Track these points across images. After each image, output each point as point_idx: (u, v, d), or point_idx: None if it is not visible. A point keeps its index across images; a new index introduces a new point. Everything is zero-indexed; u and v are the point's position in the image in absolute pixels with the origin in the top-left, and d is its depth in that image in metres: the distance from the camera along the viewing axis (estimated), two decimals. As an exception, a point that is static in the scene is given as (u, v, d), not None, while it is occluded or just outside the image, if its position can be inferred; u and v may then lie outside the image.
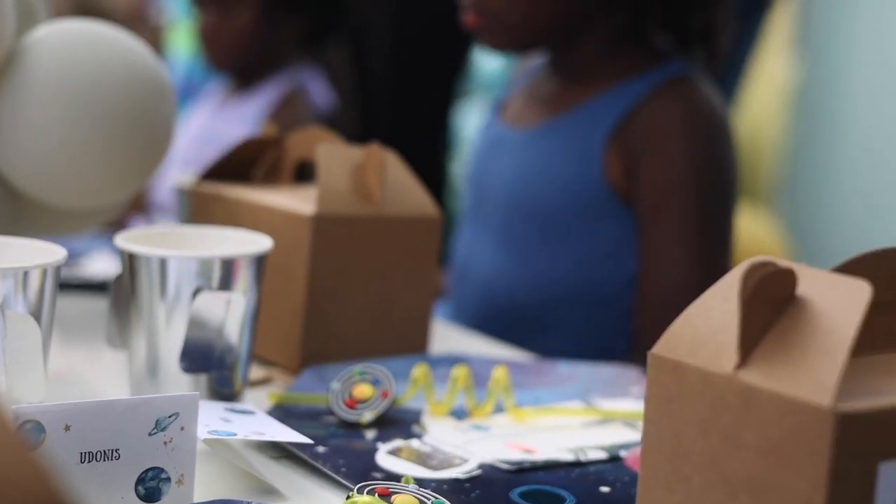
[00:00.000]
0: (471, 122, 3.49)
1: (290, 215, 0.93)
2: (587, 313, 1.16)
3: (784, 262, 0.54)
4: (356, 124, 2.09)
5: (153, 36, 2.53)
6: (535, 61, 1.31)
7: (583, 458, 0.78)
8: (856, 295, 0.52)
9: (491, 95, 2.58)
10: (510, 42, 1.22)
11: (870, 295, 0.51)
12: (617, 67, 1.19)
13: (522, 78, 1.33)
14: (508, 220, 1.22)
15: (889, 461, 0.50)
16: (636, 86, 1.17)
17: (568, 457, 0.77)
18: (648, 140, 1.15)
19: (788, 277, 0.54)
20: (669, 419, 0.56)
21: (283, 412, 0.84)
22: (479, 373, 0.91)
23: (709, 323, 0.55)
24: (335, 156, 0.95)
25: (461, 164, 2.56)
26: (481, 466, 0.76)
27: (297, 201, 0.95)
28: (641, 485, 0.58)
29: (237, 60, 1.90)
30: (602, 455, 0.78)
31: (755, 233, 4.34)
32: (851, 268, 0.55)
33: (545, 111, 1.23)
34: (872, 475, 0.50)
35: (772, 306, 0.54)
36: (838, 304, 0.52)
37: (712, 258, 1.15)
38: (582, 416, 0.86)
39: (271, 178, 1.06)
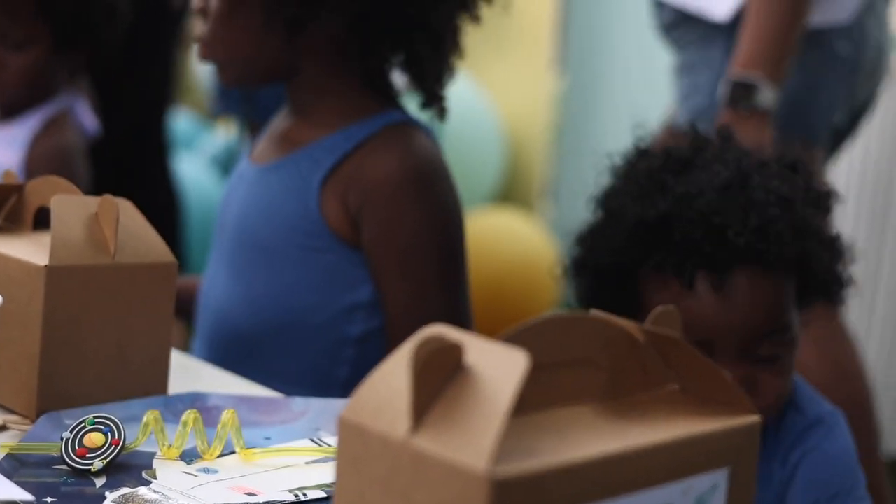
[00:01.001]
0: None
1: (25, 265, 0.92)
2: (305, 339, 1.19)
3: (453, 336, 0.58)
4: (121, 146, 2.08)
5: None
6: None
7: (302, 497, 0.80)
8: (514, 364, 0.56)
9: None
10: (236, 79, 1.27)
11: (525, 364, 0.55)
12: (342, 111, 1.22)
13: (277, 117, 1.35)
14: (237, 249, 1.25)
15: (540, 517, 0.54)
16: (355, 131, 1.20)
17: (288, 497, 0.80)
18: (370, 187, 1.18)
19: (456, 350, 0.57)
20: (356, 478, 0.59)
21: (16, 461, 0.83)
22: (217, 413, 0.92)
23: (388, 389, 0.58)
24: (69, 206, 0.94)
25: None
26: (204, 512, 0.77)
27: (33, 251, 0.94)
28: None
29: (13, 94, 1.83)
30: (321, 494, 0.81)
31: (524, 235, 4.45)
32: (517, 336, 0.59)
33: (278, 149, 1.27)
34: (526, 531, 0.54)
35: (442, 375, 0.57)
36: (498, 373, 0.56)
37: (457, 303, 1.19)
38: (307, 455, 0.88)
39: (11, 224, 1.05)
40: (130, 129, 2.49)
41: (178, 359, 1.06)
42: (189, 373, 1.07)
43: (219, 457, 0.87)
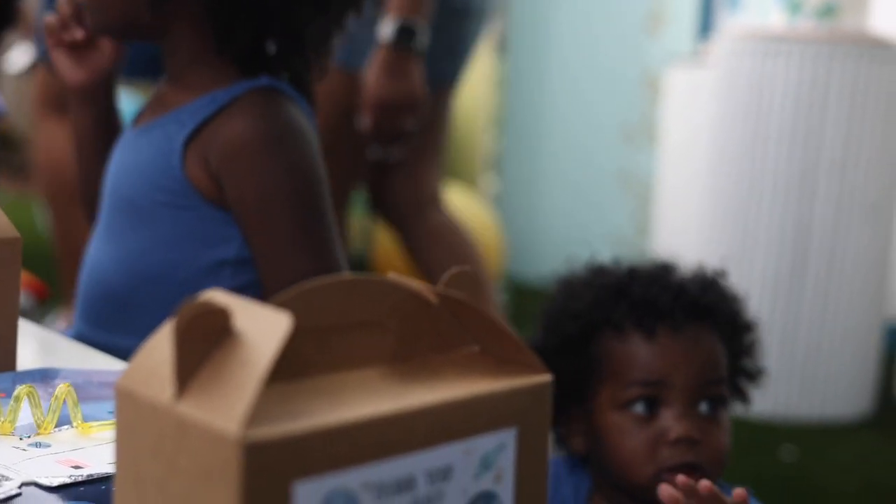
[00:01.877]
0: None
1: None
2: (172, 294, 1.19)
3: (222, 301, 0.56)
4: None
5: None
6: None
7: (128, 470, 0.78)
8: (276, 327, 0.54)
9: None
10: (101, 27, 1.26)
11: (287, 326, 0.54)
12: (212, 76, 1.23)
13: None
14: (111, 210, 1.26)
15: (303, 481, 0.53)
16: (221, 95, 1.21)
17: (110, 470, 0.78)
18: (228, 151, 1.18)
19: (223, 314, 0.55)
20: (131, 446, 0.58)
21: None
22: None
23: (158, 356, 0.57)
24: None
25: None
26: (23, 485, 0.75)
27: None
28: (115, 508, 0.59)
29: None
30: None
31: (468, 209, 4.44)
32: (293, 299, 0.58)
33: (151, 113, 1.28)
34: (286, 495, 0.53)
35: (208, 340, 0.55)
36: (261, 336, 0.54)
37: (323, 254, 1.19)
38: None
39: None
40: None
41: (37, 334, 1.04)
42: (46, 347, 1.06)
43: (57, 431, 0.86)
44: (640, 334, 1.19)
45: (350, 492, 0.55)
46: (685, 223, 3.76)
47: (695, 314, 1.20)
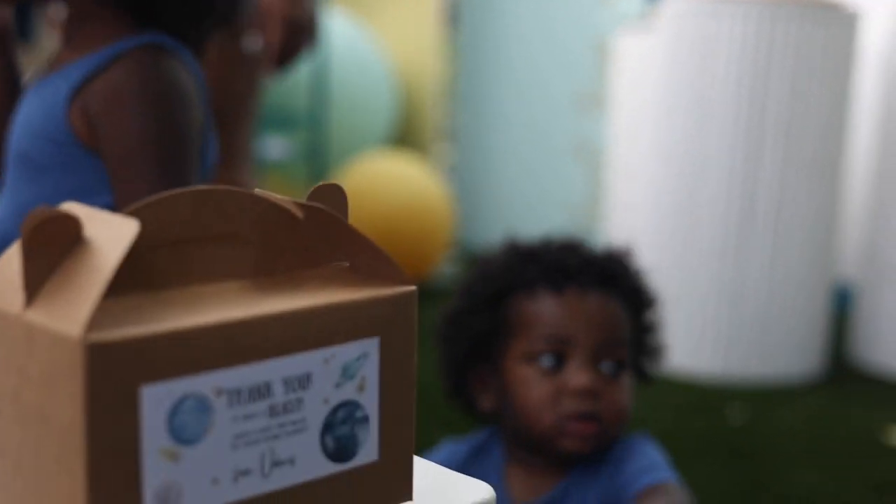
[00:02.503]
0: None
1: None
2: None
3: (73, 210, 0.56)
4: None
5: None
6: None
7: None
8: (123, 232, 0.54)
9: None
10: None
11: (133, 232, 0.54)
12: (101, 32, 1.26)
13: None
14: (10, 165, 1.29)
15: (150, 384, 0.53)
16: (107, 51, 1.23)
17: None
18: (104, 100, 1.21)
19: (73, 223, 0.55)
20: (-13, 359, 0.57)
21: None
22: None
23: (10, 268, 0.57)
24: None
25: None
26: None
27: None
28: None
29: None
30: None
31: (423, 180, 4.43)
32: (146, 208, 0.57)
33: (49, 70, 1.31)
34: (134, 398, 0.53)
35: (58, 249, 0.55)
36: (109, 242, 0.54)
37: None
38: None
39: None
40: None
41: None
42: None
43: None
44: (549, 293, 1.27)
45: (201, 397, 0.55)
46: (636, 189, 3.78)
47: (601, 280, 1.28)
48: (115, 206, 1.21)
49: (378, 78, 5.06)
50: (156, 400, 0.53)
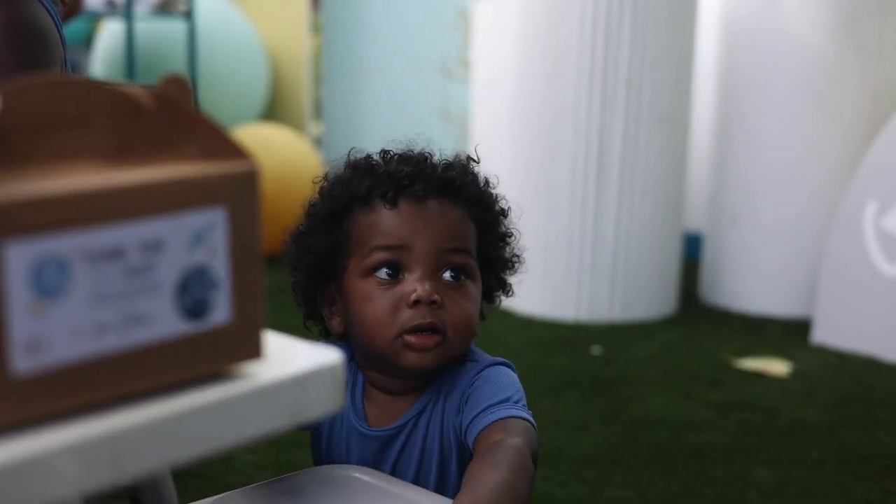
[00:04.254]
0: None
1: None
2: None
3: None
4: None
5: None
6: None
7: None
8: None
9: None
10: None
11: (-8, 108, 0.57)
12: None
13: None
14: None
15: (14, 244, 0.57)
16: None
17: None
18: None
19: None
20: None
21: None
22: None
23: None
24: None
25: None
26: None
27: None
28: None
29: None
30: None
31: (295, 147, 4.44)
32: (10, 93, 0.61)
33: None
34: (-2, 255, 0.56)
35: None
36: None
37: None
38: None
39: None
40: None
41: None
42: None
43: None
44: (383, 205, 1.20)
45: (62, 257, 0.59)
46: (499, 149, 3.85)
47: (440, 187, 1.21)
48: None
49: (248, 55, 5.05)
50: (19, 258, 0.57)
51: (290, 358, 0.72)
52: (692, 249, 4.34)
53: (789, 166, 3.66)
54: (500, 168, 1.27)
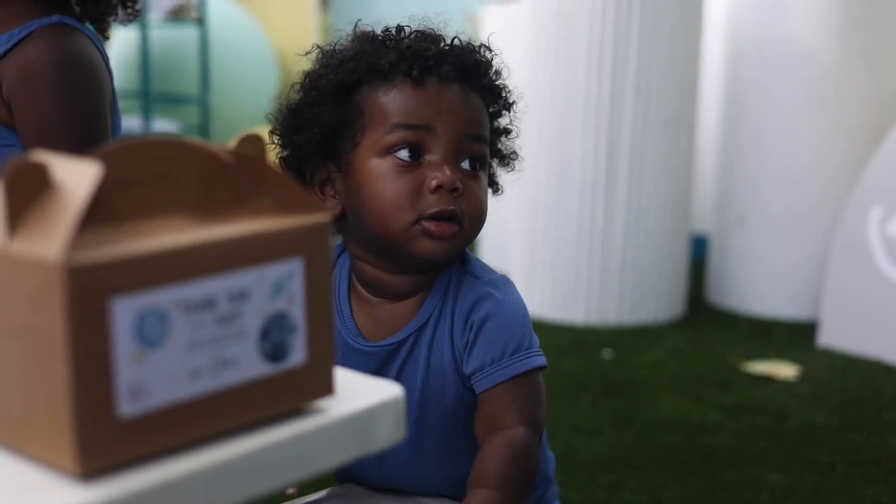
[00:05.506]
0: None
1: None
2: None
3: (41, 158, 0.64)
4: None
5: None
6: None
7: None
8: (88, 174, 0.63)
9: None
10: None
11: (97, 172, 0.62)
12: (11, 16, 1.31)
13: None
14: None
15: (119, 298, 0.62)
16: (18, 32, 1.29)
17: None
18: (18, 77, 1.27)
19: (42, 169, 0.64)
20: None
21: None
22: None
23: (-11, 209, 0.65)
24: None
25: None
26: None
27: None
28: None
29: None
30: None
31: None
32: (102, 155, 0.66)
33: None
34: (105, 311, 0.62)
35: (32, 191, 0.64)
36: (76, 183, 0.63)
37: None
38: None
39: None
40: None
41: None
42: None
43: None
44: (407, 82, 1.12)
45: (161, 308, 0.64)
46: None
47: (462, 71, 1.14)
48: None
49: (259, 59, 5.10)
50: (124, 312, 0.62)
51: (357, 393, 0.77)
52: (698, 251, 4.39)
53: (795, 170, 3.71)
54: (510, 172, 1.26)
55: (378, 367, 1.16)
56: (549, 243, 3.69)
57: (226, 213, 0.72)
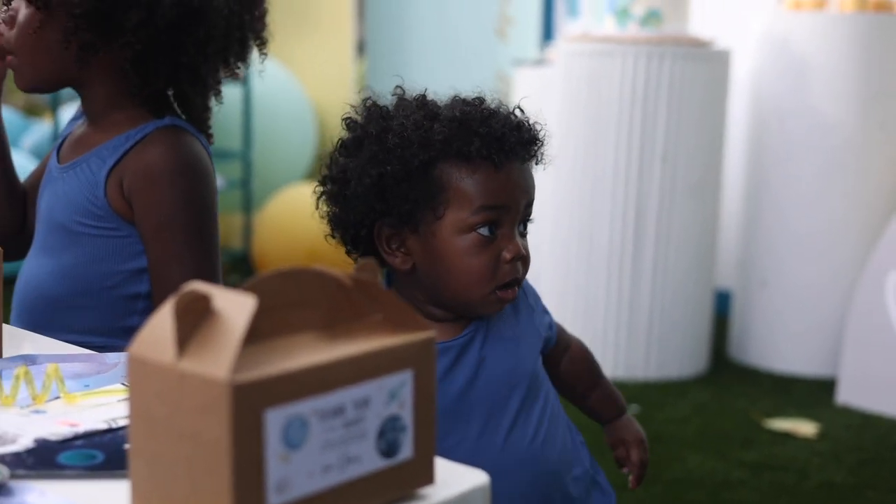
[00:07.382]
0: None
1: None
2: (102, 298, 1.42)
3: (204, 289, 0.77)
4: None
5: None
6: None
7: (114, 425, 0.98)
8: (245, 305, 0.75)
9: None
10: (30, 85, 1.45)
11: (252, 305, 0.75)
12: (125, 118, 1.43)
13: (75, 119, 1.52)
14: (47, 233, 1.46)
15: (271, 410, 0.74)
16: (133, 133, 1.41)
17: (103, 426, 0.98)
18: (139, 177, 1.39)
19: (205, 298, 0.76)
20: (142, 395, 0.78)
21: None
22: (45, 369, 1.09)
23: (159, 329, 0.77)
24: None
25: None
26: (35, 441, 0.94)
27: None
28: (132, 450, 0.79)
29: None
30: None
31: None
32: (251, 285, 0.78)
33: (75, 151, 1.47)
34: (260, 420, 0.74)
35: (196, 317, 0.76)
36: (234, 312, 0.75)
37: (203, 268, 1.39)
38: (118, 395, 1.06)
39: None
40: None
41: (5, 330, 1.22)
42: (13, 341, 1.23)
43: (47, 402, 1.04)
44: (488, 165, 1.25)
45: (303, 417, 0.76)
46: (541, 216, 4.02)
47: (528, 147, 1.29)
48: (150, 268, 1.39)
49: (299, 117, 5.25)
50: (275, 420, 0.74)
51: (452, 479, 0.89)
52: (721, 306, 4.50)
53: (815, 235, 3.82)
54: (538, 231, 1.38)
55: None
56: (579, 301, 3.80)
57: (347, 329, 0.84)
